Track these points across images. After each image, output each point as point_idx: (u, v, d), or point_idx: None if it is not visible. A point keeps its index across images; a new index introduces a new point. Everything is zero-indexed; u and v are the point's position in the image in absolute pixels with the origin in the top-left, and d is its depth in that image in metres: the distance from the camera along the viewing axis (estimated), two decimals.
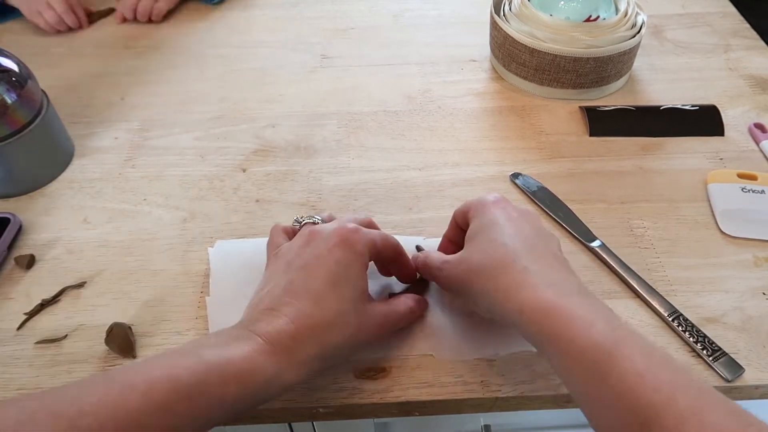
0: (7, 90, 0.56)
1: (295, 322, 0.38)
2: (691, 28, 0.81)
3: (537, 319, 0.37)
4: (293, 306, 0.39)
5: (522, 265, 0.39)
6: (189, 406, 0.34)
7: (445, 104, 0.70)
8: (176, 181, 0.61)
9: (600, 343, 0.34)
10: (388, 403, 0.44)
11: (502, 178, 0.61)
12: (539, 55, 0.67)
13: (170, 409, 0.33)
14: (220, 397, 0.35)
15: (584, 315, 0.36)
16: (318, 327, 0.39)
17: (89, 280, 0.52)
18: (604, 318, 0.36)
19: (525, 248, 0.41)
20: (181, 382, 0.34)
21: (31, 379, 0.46)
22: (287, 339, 0.38)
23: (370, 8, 0.86)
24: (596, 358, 0.34)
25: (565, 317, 0.36)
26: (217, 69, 0.76)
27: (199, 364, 0.35)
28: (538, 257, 0.40)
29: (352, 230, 0.42)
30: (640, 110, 0.67)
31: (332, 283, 0.40)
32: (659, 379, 0.32)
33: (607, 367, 0.33)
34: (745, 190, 0.57)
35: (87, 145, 0.65)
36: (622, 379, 0.33)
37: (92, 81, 0.74)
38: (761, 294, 0.50)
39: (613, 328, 0.35)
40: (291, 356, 0.37)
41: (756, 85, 0.71)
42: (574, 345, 0.35)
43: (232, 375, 0.35)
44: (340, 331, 0.40)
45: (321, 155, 0.64)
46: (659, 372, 0.33)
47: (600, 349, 0.34)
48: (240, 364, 0.36)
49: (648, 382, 0.32)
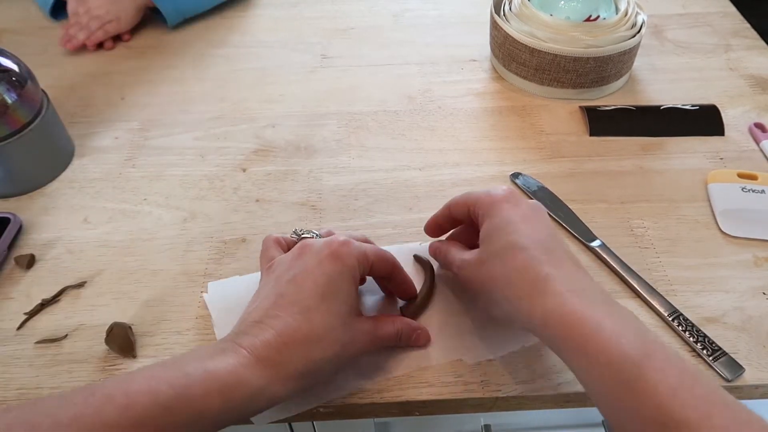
0: (7, 90, 0.56)
1: (283, 335, 0.38)
2: (691, 27, 0.81)
3: (563, 329, 0.36)
4: (281, 319, 0.39)
5: (544, 271, 0.38)
6: (170, 419, 0.33)
7: (445, 104, 0.70)
8: (176, 181, 0.61)
9: (630, 355, 0.33)
10: (388, 403, 0.44)
11: (502, 178, 0.61)
12: (539, 54, 0.67)
13: (150, 423, 0.33)
14: (202, 410, 0.34)
15: (613, 326, 0.34)
16: (305, 341, 0.38)
17: (89, 280, 0.52)
18: (633, 329, 0.35)
19: (544, 251, 0.39)
20: (162, 395, 0.33)
21: (31, 379, 0.46)
22: (273, 352, 0.37)
23: (370, 8, 0.86)
24: (625, 370, 0.33)
25: (592, 328, 0.35)
26: (217, 69, 0.76)
27: (181, 378, 0.35)
28: (558, 261, 0.39)
29: (342, 243, 0.42)
30: (640, 110, 0.67)
31: (321, 296, 0.40)
32: (693, 395, 0.31)
33: (637, 379, 0.32)
34: (746, 189, 0.57)
35: (87, 145, 0.65)
36: (653, 393, 0.32)
37: (92, 81, 0.74)
38: (761, 294, 0.50)
39: (643, 341, 0.34)
40: (277, 370, 0.37)
41: (756, 85, 0.71)
42: (603, 356, 0.34)
43: (215, 388, 0.35)
44: (328, 345, 0.39)
45: (321, 155, 0.64)
46: (693, 387, 0.32)
47: (630, 360, 0.33)
48: (223, 377, 0.35)
49: (681, 397, 0.31)
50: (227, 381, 0.35)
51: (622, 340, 0.34)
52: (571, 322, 0.35)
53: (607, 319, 0.35)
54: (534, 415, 0.58)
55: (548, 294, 0.37)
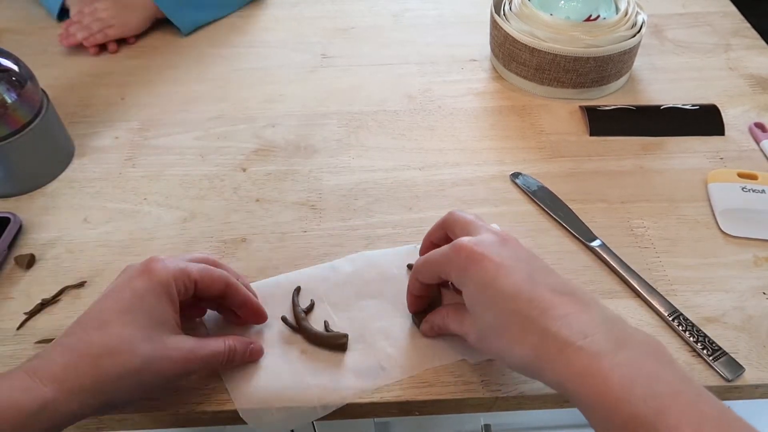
0: (7, 90, 0.56)
1: (71, 350, 0.37)
2: (691, 27, 0.81)
3: (574, 391, 0.34)
4: (75, 336, 0.38)
5: (541, 325, 0.36)
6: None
7: (445, 104, 0.70)
8: (176, 180, 0.61)
9: (641, 415, 0.31)
10: (388, 403, 0.44)
11: (502, 178, 0.61)
12: (539, 54, 0.67)
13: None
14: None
15: (621, 379, 0.33)
16: (97, 354, 0.37)
17: (89, 280, 0.52)
18: (645, 375, 0.33)
19: (531, 299, 0.37)
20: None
21: None
22: (56, 368, 0.36)
23: (370, 8, 0.86)
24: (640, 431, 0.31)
25: (600, 389, 0.33)
26: (217, 69, 0.76)
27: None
28: (550, 304, 0.37)
29: (155, 260, 0.41)
30: (640, 110, 0.67)
31: (122, 310, 0.39)
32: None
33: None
34: (746, 189, 0.57)
35: (87, 145, 0.65)
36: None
37: (92, 81, 0.74)
38: (761, 294, 0.50)
39: (654, 392, 0.32)
40: (60, 385, 0.36)
41: (756, 85, 0.71)
42: (616, 418, 0.32)
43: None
44: (126, 359, 0.37)
45: (321, 155, 0.64)
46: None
47: (642, 422, 0.31)
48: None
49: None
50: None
51: (632, 399, 0.32)
52: (580, 384, 0.34)
53: (615, 370, 0.33)
54: (534, 415, 0.57)
55: (552, 357, 0.35)
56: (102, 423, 0.44)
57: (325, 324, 0.48)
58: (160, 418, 0.44)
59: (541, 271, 0.40)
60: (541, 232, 0.55)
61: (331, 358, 0.46)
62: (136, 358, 0.38)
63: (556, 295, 0.37)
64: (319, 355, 0.46)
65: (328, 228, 0.56)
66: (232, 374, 0.45)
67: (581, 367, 0.34)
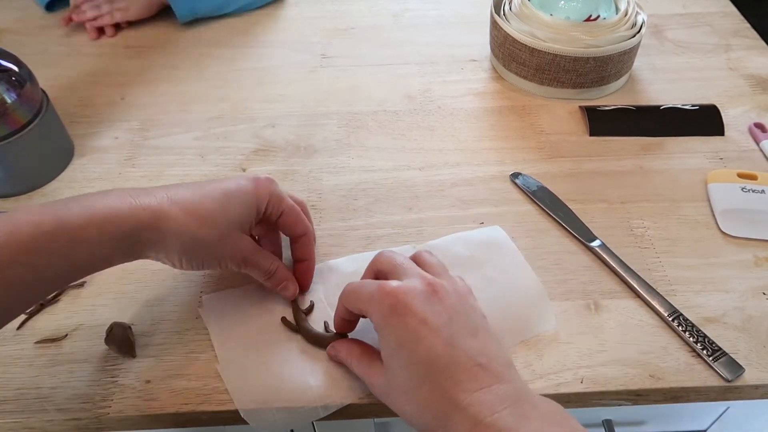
0: (7, 90, 0.56)
1: (174, 198, 0.42)
2: (691, 27, 0.81)
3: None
4: (181, 189, 0.43)
5: (453, 398, 0.36)
6: (51, 245, 0.38)
7: (445, 104, 0.70)
8: (176, 180, 0.61)
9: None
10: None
11: (502, 178, 0.61)
12: (539, 54, 0.67)
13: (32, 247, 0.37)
14: (80, 239, 0.38)
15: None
16: (190, 213, 0.42)
17: (89, 280, 0.52)
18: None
19: (451, 364, 0.37)
20: (45, 224, 0.38)
21: (31, 379, 0.46)
22: (156, 204, 0.41)
23: (370, 8, 0.86)
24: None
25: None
26: (217, 69, 0.76)
27: (62, 210, 0.39)
28: (466, 370, 0.37)
29: (267, 179, 0.47)
30: (640, 110, 0.67)
31: (221, 193, 0.44)
32: None
33: None
34: (745, 189, 0.57)
35: (87, 145, 0.65)
36: None
37: (92, 81, 0.74)
38: (761, 294, 0.50)
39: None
40: (157, 218, 0.41)
41: (756, 85, 0.71)
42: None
43: (95, 222, 0.39)
44: (208, 230, 0.42)
45: (321, 155, 0.64)
46: None
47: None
48: (101, 210, 0.39)
49: None
50: (105, 215, 0.39)
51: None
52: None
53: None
54: None
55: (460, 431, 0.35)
56: (102, 423, 0.45)
57: (325, 324, 0.48)
58: (160, 418, 0.44)
59: (463, 331, 0.39)
60: (541, 232, 0.55)
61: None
62: (214, 231, 0.43)
63: (472, 365, 0.37)
64: (320, 355, 0.46)
65: (328, 228, 0.56)
66: (232, 374, 0.45)
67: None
